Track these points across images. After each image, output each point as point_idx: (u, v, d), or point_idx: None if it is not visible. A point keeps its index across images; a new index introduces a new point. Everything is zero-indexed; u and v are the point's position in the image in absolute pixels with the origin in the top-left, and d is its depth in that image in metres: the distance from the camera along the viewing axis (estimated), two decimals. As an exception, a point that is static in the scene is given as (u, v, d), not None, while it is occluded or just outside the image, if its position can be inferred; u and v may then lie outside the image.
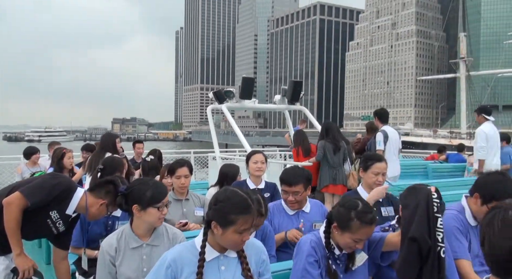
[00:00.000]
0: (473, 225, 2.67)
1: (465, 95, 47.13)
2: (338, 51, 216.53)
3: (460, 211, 2.67)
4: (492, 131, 6.79)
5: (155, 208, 2.46)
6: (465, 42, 45.54)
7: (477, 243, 2.66)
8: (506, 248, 1.17)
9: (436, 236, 2.13)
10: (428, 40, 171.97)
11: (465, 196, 2.73)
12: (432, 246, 2.11)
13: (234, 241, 2.01)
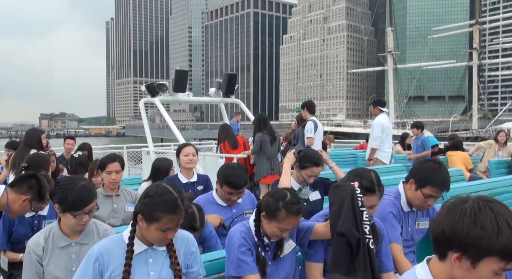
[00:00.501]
0: (406, 211, 2.83)
1: (393, 87, 49.33)
2: (273, 44, 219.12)
3: (397, 197, 2.81)
4: (387, 122, 7.33)
5: (73, 215, 2.36)
6: (392, 36, 47.64)
7: (406, 228, 2.83)
8: (438, 229, 1.33)
9: (363, 228, 2.21)
10: (358, 34, 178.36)
11: (402, 182, 2.87)
12: (361, 239, 2.19)
13: (157, 237, 1.99)
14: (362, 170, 2.49)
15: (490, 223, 1.25)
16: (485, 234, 1.24)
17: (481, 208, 1.28)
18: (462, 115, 67.54)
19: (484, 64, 55.36)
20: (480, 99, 54.28)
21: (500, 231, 1.23)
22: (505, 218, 1.26)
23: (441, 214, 1.35)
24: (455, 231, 1.28)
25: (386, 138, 7.26)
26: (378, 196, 2.40)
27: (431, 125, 56.50)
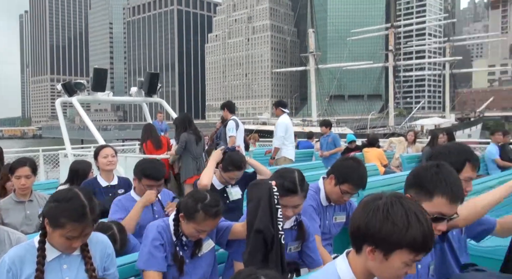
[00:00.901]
0: (324, 205, 2.95)
1: (315, 86, 50.98)
2: (198, 42, 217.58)
3: (316, 191, 2.93)
4: (289, 122, 7.80)
5: None
6: (313, 37, 49.20)
7: (324, 222, 2.96)
8: (354, 224, 1.41)
9: (278, 225, 2.29)
10: (282, 34, 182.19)
11: (323, 177, 3.00)
12: (276, 235, 2.28)
13: (61, 244, 1.93)
14: (286, 171, 2.53)
15: (401, 218, 1.33)
16: (396, 228, 1.32)
17: (393, 204, 1.36)
18: (379, 113, 71.39)
19: (399, 65, 58.77)
20: (396, 98, 57.56)
21: (409, 225, 1.32)
22: (415, 212, 1.34)
23: (357, 210, 1.43)
24: (368, 227, 1.36)
25: (290, 137, 7.68)
26: (302, 196, 2.44)
27: (351, 122, 59.06)
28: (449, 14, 74.05)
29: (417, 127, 48.11)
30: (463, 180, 2.16)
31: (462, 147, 2.28)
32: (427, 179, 1.85)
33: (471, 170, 2.20)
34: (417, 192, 1.87)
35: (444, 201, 1.80)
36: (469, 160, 2.21)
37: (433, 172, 1.86)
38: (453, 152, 2.24)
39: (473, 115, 59.91)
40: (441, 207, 1.79)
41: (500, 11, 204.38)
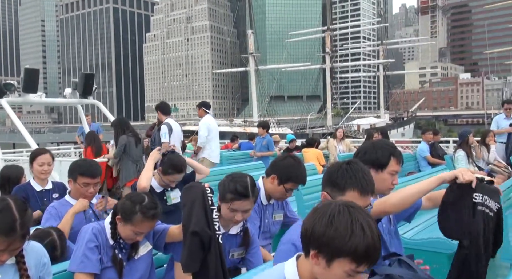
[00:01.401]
0: (264, 204, 3.00)
1: (255, 87, 51.43)
2: (135, 42, 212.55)
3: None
4: (213, 124, 7.75)
5: None
6: (252, 39, 49.60)
7: (264, 220, 3.01)
8: (303, 228, 1.43)
9: (214, 226, 2.33)
10: (221, 35, 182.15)
11: (262, 177, 3.03)
12: (213, 236, 2.30)
13: None
14: (238, 175, 2.53)
15: (345, 225, 1.33)
16: (338, 235, 1.32)
17: (340, 212, 1.36)
18: (318, 113, 73.15)
19: (336, 67, 60.54)
20: (334, 98, 59.30)
21: (352, 234, 1.31)
22: (361, 223, 1.34)
23: (308, 214, 1.44)
24: (314, 230, 1.37)
25: (213, 138, 7.58)
26: (252, 201, 2.46)
27: (291, 123, 60.10)
28: (382, 19, 77.36)
29: (353, 127, 49.88)
30: (389, 173, 2.31)
31: (386, 143, 2.39)
32: (338, 176, 1.96)
33: (395, 163, 2.31)
34: (331, 189, 1.99)
35: (355, 194, 1.91)
36: (393, 154, 2.31)
37: (343, 169, 1.97)
38: (378, 148, 2.35)
39: (406, 115, 62.94)
40: (353, 200, 1.86)
41: (429, 16, 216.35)
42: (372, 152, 2.34)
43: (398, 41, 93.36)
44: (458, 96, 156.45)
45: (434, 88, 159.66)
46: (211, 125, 7.54)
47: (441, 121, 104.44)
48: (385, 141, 2.49)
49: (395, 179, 2.34)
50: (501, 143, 8.16)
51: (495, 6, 76.18)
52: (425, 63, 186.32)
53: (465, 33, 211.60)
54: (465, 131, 7.18)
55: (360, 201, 1.89)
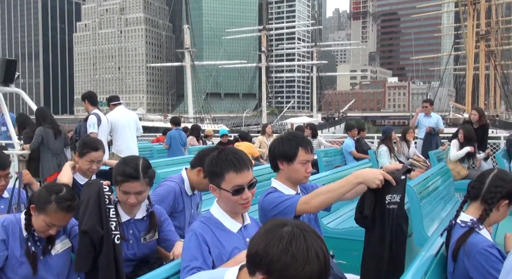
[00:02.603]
0: (189, 194, 2.99)
1: (191, 83, 50.94)
2: (65, 31, 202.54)
3: (180, 182, 2.96)
4: (120, 119, 7.02)
5: None
6: (188, 34, 49.00)
7: (189, 211, 3.00)
8: (253, 249, 1.35)
9: (110, 225, 2.27)
10: (157, 29, 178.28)
11: (185, 168, 3.04)
12: (105, 235, 2.24)
13: None
14: (130, 158, 2.55)
15: (302, 252, 1.28)
16: (294, 262, 1.27)
17: (297, 237, 1.31)
18: (254, 111, 73.87)
19: (271, 66, 61.25)
20: (269, 97, 60.07)
21: (308, 261, 1.27)
22: (316, 250, 1.30)
23: (259, 234, 1.37)
24: (267, 254, 1.31)
25: (121, 134, 6.93)
26: (144, 183, 2.44)
27: (227, 120, 60.20)
28: (316, 21, 79.25)
29: (287, 125, 50.85)
30: (300, 163, 2.39)
31: (293, 135, 2.48)
32: (213, 165, 2.04)
33: (304, 153, 2.39)
34: (214, 180, 2.03)
35: (233, 175, 1.97)
36: (300, 144, 2.39)
37: (214, 158, 2.06)
38: (285, 140, 2.43)
39: (337, 115, 65.13)
40: (233, 180, 1.96)
41: (361, 22, 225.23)
42: (280, 146, 2.43)
43: (331, 44, 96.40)
44: (386, 98, 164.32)
45: (364, 91, 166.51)
46: (117, 121, 6.85)
47: (370, 121, 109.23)
48: (293, 133, 2.56)
49: (308, 167, 2.43)
50: (420, 139, 8.76)
51: (421, 16, 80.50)
52: (356, 66, 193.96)
53: (394, 39, 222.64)
54: (387, 128, 7.60)
55: (239, 178, 1.96)
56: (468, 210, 2.26)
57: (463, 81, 50.57)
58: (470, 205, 2.28)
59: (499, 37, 54.00)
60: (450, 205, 4.97)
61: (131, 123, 7.02)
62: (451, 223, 2.23)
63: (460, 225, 2.15)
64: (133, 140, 7.06)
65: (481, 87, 46.34)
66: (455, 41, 62.62)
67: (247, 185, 1.98)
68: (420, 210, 3.64)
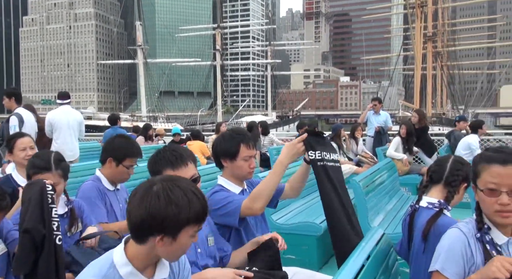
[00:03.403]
0: (112, 189, 2.92)
1: (144, 81, 49.99)
2: (11, 25, 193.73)
3: (97, 181, 2.89)
4: (60, 119, 6.71)
5: None
6: (141, 30, 48.00)
7: (117, 205, 2.93)
8: (137, 218, 1.40)
9: (52, 225, 2.22)
10: (107, 25, 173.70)
11: (98, 169, 2.96)
12: (47, 235, 2.19)
13: None
14: (43, 151, 2.58)
15: (182, 198, 1.39)
16: (180, 209, 1.38)
17: (171, 188, 1.40)
18: (209, 110, 73.45)
19: (226, 65, 61.15)
20: (224, 96, 59.95)
21: (191, 203, 1.40)
22: (191, 190, 1.43)
23: (134, 202, 1.42)
24: (154, 217, 1.37)
25: (60, 135, 6.63)
26: (57, 174, 2.45)
27: (181, 118, 59.58)
28: (270, 21, 79.73)
29: (242, 124, 50.93)
30: (243, 160, 2.43)
31: (235, 132, 2.51)
32: (153, 163, 2.13)
33: (246, 149, 2.44)
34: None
35: (170, 172, 2.07)
36: (242, 141, 2.43)
37: (154, 156, 2.14)
38: (227, 138, 2.47)
39: (291, 113, 65.94)
40: (187, 173, 2.07)
41: (314, 22, 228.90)
42: (222, 144, 2.46)
43: (285, 43, 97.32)
44: (339, 97, 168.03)
45: (317, 89, 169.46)
46: (57, 121, 6.56)
47: (323, 120, 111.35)
48: (235, 130, 2.59)
49: (251, 163, 2.46)
50: (370, 137, 9.03)
51: (372, 17, 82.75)
52: (310, 65, 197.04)
53: (345, 40, 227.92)
54: (336, 126, 7.80)
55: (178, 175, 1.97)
56: (431, 193, 2.37)
57: (412, 81, 52.48)
58: (433, 189, 2.39)
59: (445, 39, 56.48)
60: (395, 198, 5.14)
61: (72, 123, 6.71)
62: (414, 208, 2.32)
63: (427, 207, 2.25)
64: (74, 140, 6.75)
65: (428, 87, 48.20)
66: (404, 42, 64.84)
67: None
68: (365, 204, 3.76)
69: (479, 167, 1.77)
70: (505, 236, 1.75)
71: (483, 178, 1.74)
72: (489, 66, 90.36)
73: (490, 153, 1.78)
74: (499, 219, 1.71)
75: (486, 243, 1.71)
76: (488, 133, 11.62)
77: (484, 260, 1.70)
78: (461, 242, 1.72)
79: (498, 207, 1.69)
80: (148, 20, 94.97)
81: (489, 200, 1.70)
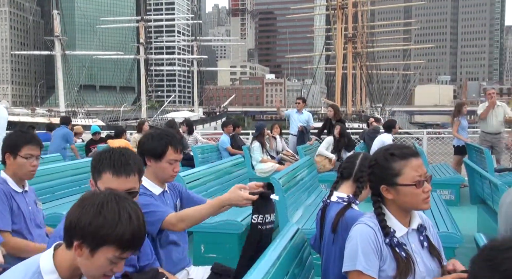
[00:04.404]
0: (19, 191, 2.76)
1: (62, 74, 47.53)
2: None
3: (3, 182, 2.73)
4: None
5: None
6: (59, 20, 45.48)
7: (26, 208, 2.78)
8: (67, 220, 1.40)
9: None
10: (23, 12, 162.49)
11: (3, 171, 2.80)
12: None
13: None
14: None
15: (113, 214, 1.36)
16: (106, 223, 1.34)
17: (108, 201, 1.38)
18: (132, 105, 71.42)
19: (150, 59, 59.83)
20: (148, 91, 58.62)
21: (119, 222, 1.35)
22: (129, 211, 1.39)
23: (74, 205, 1.43)
24: (80, 220, 1.36)
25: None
26: None
27: (103, 114, 57.40)
28: (195, 15, 79.08)
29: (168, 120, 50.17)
30: (167, 162, 2.40)
31: (163, 133, 2.48)
32: (97, 159, 2.01)
33: (173, 152, 2.42)
34: (93, 174, 2.02)
35: (109, 176, 1.95)
36: (170, 143, 2.41)
37: (103, 153, 2.03)
38: (155, 137, 2.44)
39: (218, 110, 65.99)
40: (108, 182, 1.94)
41: (239, 19, 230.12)
42: (149, 142, 2.42)
43: (211, 39, 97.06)
44: (264, 94, 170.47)
45: (244, 86, 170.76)
46: None
47: (250, 116, 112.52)
48: (164, 130, 2.56)
49: (175, 167, 2.45)
50: (293, 136, 9.31)
51: (296, 17, 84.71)
52: (236, 62, 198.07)
53: (271, 38, 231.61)
54: (260, 125, 7.99)
55: (115, 182, 1.94)
56: (341, 189, 2.51)
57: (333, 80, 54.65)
58: (343, 184, 2.54)
59: (364, 40, 59.38)
60: (314, 194, 5.38)
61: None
62: (325, 202, 2.45)
63: (337, 202, 2.38)
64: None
65: (349, 85, 50.44)
66: (326, 42, 67.24)
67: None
68: (284, 201, 3.91)
69: (398, 165, 1.85)
70: (405, 227, 1.88)
71: (407, 173, 1.83)
72: (405, 67, 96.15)
73: (396, 150, 1.89)
74: (425, 205, 1.86)
75: (395, 246, 1.81)
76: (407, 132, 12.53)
77: (394, 261, 1.79)
78: (371, 236, 1.80)
79: (425, 195, 1.82)
80: (67, 9, 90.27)
81: (418, 191, 1.81)
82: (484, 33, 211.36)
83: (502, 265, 1.12)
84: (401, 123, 68.02)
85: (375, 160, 1.94)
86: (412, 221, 1.93)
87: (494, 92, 8.15)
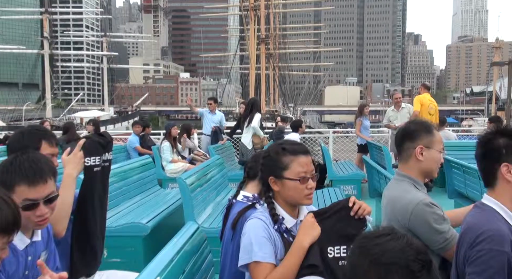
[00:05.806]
0: None
1: (-46, 68, 43.45)
2: None
3: None
4: None
5: None
6: None
7: None
8: None
9: None
10: None
11: None
12: None
13: None
14: None
15: None
16: None
17: None
18: (36, 104, 66.92)
19: (56, 54, 56.46)
20: (54, 88, 55.26)
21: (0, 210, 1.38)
22: (3, 197, 1.42)
23: None
24: None
25: None
26: None
27: (3, 113, 53.28)
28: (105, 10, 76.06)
29: (76, 119, 47.66)
30: None
31: (35, 128, 2.41)
32: (3, 172, 1.80)
33: (48, 146, 2.33)
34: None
35: (24, 188, 1.77)
36: (43, 138, 2.33)
37: (7, 164, 1.82)
38: (26, 134, 2.33)
39: (131, 109, 63.93)
40: (24, 193, 1.78)
41: (152, 15, 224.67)
42: (20, 139, 2.29)
43: (122, 35, 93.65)
44: (179, 93, 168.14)
45: (157, 85, 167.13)
46: None
47: (164, 116, 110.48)
48: (35, 126, 2.47)
49: (54, 161, 2.32)
50: (206, 136, 9.32)
51: (210, 16, 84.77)
52: (149, 60, 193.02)
53: (185, 36, 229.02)
54: (168, 124, 7.92)
55: (32, 192, 1.79)
56: (247, 188, 2.57)
57: (248, 79, 55.41)
58: (249, 184, 2.60)
59: (276, 42, 60.85)
60: (224, 192, 5.45)
61: None
62: (231, 202, 2.50)
63: (242, 201, 2.44)
64: None
65: (262, 86, 51.48)
66: (240, 42, 67.96)
67: (43, 200, 1.79)
68: (191, 201, 3.91)
69: (287, 160, 1.94)
70: (293, 219, 1.99)
71: (293, 168, 1.92)
72: (315, 69, 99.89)
73: (288, 146, 1.99)
74: (307, 201, 1.96)
75: (283, 232, 1.91)
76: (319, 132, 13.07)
77: (283, 246, 1.88)
78: (262, 227, 1.89)
79: (308, 191, 1.92)
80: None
81: (301, 187, 1.91)
82: (388, 39, 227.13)
83: (371, 250, 1.16)
84: (312, 123, 70.95)
85: (268, 152, 2.04)
86: (301, 213, 2.03)
87: (400, 97, 8.99)
